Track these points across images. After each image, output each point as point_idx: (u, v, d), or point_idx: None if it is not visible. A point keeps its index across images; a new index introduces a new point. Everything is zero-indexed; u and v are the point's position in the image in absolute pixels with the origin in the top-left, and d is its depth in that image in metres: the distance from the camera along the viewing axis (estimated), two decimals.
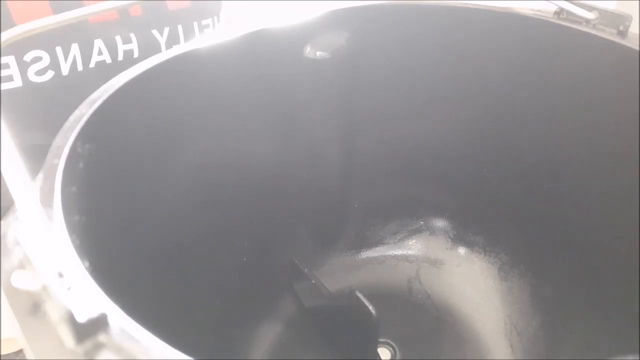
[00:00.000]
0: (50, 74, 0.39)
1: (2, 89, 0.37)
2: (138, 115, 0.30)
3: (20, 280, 0.16)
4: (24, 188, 0.16)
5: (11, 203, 0.17)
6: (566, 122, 0.37)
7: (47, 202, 0.20)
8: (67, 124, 0.24)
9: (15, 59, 0.37)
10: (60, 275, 0.15)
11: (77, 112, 0.25)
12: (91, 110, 0.25)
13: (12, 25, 0.36)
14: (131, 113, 0.29)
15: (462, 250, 0.45)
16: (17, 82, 0.38)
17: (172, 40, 0.44)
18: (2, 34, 0.21)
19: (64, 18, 0.23)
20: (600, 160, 0.35)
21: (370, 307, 0.34)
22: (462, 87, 0.41)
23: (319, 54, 0.38)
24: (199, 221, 0.36)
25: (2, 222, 0.20)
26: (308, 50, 0.38)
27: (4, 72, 0.37)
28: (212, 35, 0.34)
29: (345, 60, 0.39)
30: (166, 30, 0.44)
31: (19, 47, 0.37)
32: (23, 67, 0.38)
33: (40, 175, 0.21)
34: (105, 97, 0.26)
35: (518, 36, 0.37)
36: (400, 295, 0.44)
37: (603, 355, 0.32)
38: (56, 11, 0.38)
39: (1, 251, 0.18)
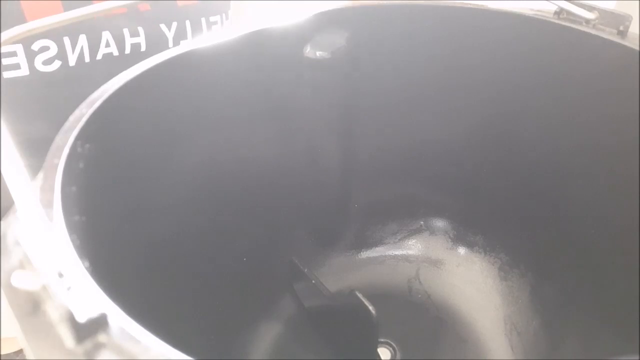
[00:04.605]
0: (57, 63, 0.39)
1: (9, 76, 0.38)
2: (138, 115, 0.30)
3: (20, 280, 0.16)
4: (24, 188, 0.16)
5: (11, 203, 0.17)
6: (566, 122, 0.36)
7: (47, 202, 0.20)
8: (67, 124, 0.24)
9: (23, 47, 0.37)
10: (60, 275, 0.15)
11: (77, 112, 0.25)
12: (91, 110, 0.25)
13: (24, 22, 0.36)
14: (131, 113, 0.29)
15: (462, 250, 0.45)
16: (24, 71, 0.38)
17: (180, 36, 0.45)
18: (10, 30, 0.21)
19: (72, 16, 0.23)
20: (600, 160, 0.35)
21: (370, 307, 0.34)
22: (461, 87, 0.41)
23: (319, 54, 0.38)
24: (198, 221, 0.36)
25: (2, 222, 0.19)
26: (308, 50, 0.38)
27: (12, 60, 0.37)
28: (212, 35, 0.34)
29: (345, 60, 0.39)
30: (174, 25, 0.44)
31: (27, 36, 0.37)
32: (30, 55, 0.38)
33: (40, 175, 0.21)
34: (105, 97, 0.26)
35: (518, 36, 0.36)
36: (400, 295, 0.44)
37: (603, 355, 0.32)
38: (67, 9, 0.38)
39: (1, 251, 0.18)
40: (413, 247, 0.47)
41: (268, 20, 0.36)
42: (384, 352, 0.39)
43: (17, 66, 0.38)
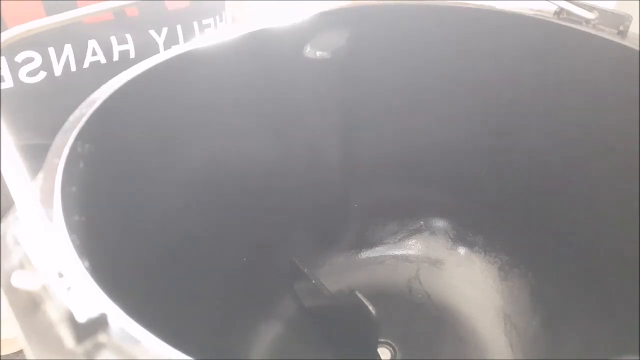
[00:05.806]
0: (42, 74, 0.38)
1: None
2: (138, 115, 0.30)
3: (20, 280, 0.16)
4: (24, 188, 0.16)
5: (11, 203, 0.17)
6: (566, 122, 0.37)
7: (47, 202, 0.20)
8: (67, 124, 0.24)
9: (6, 59, 0.37)
10: (60, 275, 0.15)
11: (77, 112, 0.25)
12: (91, 110, 0.25)
13: (3, 25, 0.36)
14: (131, 113, 0.29)
15: (462, 250, 0.45)
16: (8, 83, 0.37)
17: (171, 41, 0.44)
18: (10, 30, 0.21)
19: (65, 18, 0.23)
20: (600, 160, 0.35)
21: (370, 307, 0.34)
22: (461, 87, 0.41)
23: (319, 54, 0.38)
24: (198, 221, 0.36)
25: (2, 222, 0.20)
26: (308, 50, 0.38)
27: None
28: (212, 35, 0.34)
29: (345, 60, 0.39)
30: (164, 30, 0.43)
31: (10, 48, 0.37)
32: (14, 67, 0.37)
33: (40, 175, 0.21)
34: (105, 97, 0.26)
35: (518, 36, 0.36)
36: (400, 295, 0.44)
37: (603, 355, 0.32)
38: (49, 12, 0.37)
39: (1, 251, 0.18)
40: (413, 247, 0.47)
41: (268, 20, 0.36)
42: (384, 352, 0.39)
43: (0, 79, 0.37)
